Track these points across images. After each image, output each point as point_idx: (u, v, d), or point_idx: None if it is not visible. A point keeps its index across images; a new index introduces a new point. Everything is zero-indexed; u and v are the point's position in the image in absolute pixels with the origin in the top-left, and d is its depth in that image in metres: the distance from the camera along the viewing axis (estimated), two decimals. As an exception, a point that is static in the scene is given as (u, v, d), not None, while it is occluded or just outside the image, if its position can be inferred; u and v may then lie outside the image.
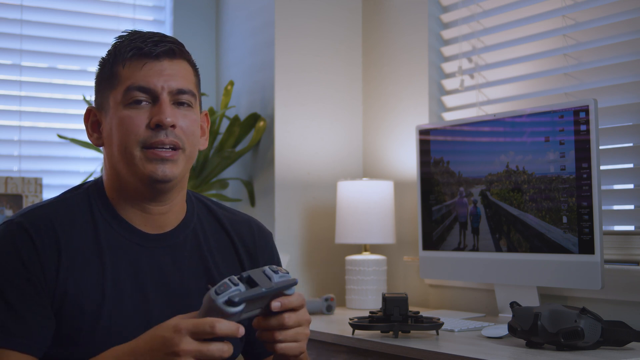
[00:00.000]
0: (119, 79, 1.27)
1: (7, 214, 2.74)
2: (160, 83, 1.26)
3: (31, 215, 1.24)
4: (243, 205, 2.98)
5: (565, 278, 1.96)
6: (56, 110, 3.04)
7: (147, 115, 1.25)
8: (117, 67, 1.28)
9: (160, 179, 1.26)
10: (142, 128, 1.25)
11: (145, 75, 1.26)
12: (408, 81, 2.78)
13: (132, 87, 1.25)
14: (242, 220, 1.45)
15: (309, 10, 2.94)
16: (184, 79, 1.29)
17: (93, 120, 1.33)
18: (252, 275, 1.11)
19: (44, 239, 1.21)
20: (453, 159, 2.30)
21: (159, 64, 1.27)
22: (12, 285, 1.18)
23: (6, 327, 1.17)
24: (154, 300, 1.27)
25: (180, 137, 1.27)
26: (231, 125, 2.91)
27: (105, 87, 1.30)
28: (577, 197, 1.93)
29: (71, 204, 1.29)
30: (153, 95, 1.26)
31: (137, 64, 1.26)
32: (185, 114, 1.29)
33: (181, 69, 1.30)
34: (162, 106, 1.25)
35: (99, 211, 1.29)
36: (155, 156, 1.25)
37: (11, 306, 1.17)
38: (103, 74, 1.31)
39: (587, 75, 2.22)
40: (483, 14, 2.57)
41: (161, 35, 1.31)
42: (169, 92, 1.27)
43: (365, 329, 1.95)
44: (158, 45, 1.27)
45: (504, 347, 1.76)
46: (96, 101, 1.34)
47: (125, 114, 1.25)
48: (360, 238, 2.60)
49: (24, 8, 2.98)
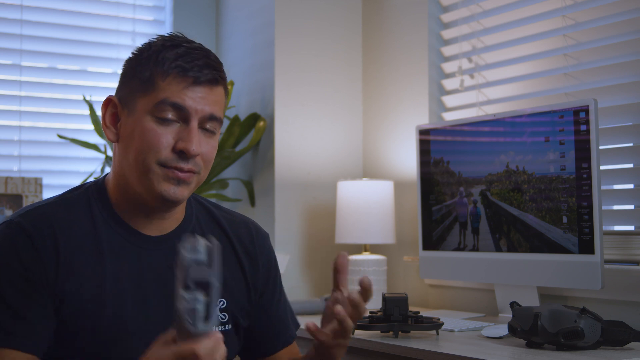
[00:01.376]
0: (155, 89, 1.23)
1: (7, 214, 2.74)
2: (194, 106, 1.24)
3: (30, 215, 1.24)
4: (243, 206, 2.98)
5: (565, 278, 1.96)
6: (56, 110, 3.04)
7: (173, 136, 1.23)
8: (156, 75, 1.24)
9: (171, 200, 1.25)
10: (166, 149, 1.23)
11: (183, 95, 1.23)
12: (408, 81, 2.78)
13: (166, 102, 1.22)
14: (240, 221, 1.46)
15: (309, 10, 2.94)
16: (217, 105, 1.28)
17: (112, 112, 1.30)
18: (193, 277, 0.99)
19: (43, 238, 1.21)
20: (453, 159, 2.30)
21: (199, 89, 1.24)
22: (11, 285, 1.18)
23: (6, 326, 1.16)
24: (153, 301, 1.27)
25: (198, 164, 1.26)
26: (231, 125, 2.91)
27: (136, 87, 1.26)
28: (577, 197, 1.93)
29: (71, 203, 1.28)
30: (185, 115, 1.24)
31: (178, 82, 1.23)
32: (209, 141, 1.28)
33: (217, 96, 1.28)
34: (191, 133, 1.23)
35: (99, 212, 1.29)
36: (174, 176, 1.24)
37: (11, 306, 1.17)
38: (138, 72, 1.26)
39: (587, 75, 2.22)
40: (483, 14, 2.57)
41: (205, 55, 1.27)
42: (202, 117, 1.25)
43: (365, 329, 1.95)
44: (203, 71, 1.24)
45: (504, 347, 1.76)
46: (120, 92, 1.29)
47: (152, 126, 1.23)
48: (360, 238, 2.60)
49: (24, 8, 2.98)
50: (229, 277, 1.37)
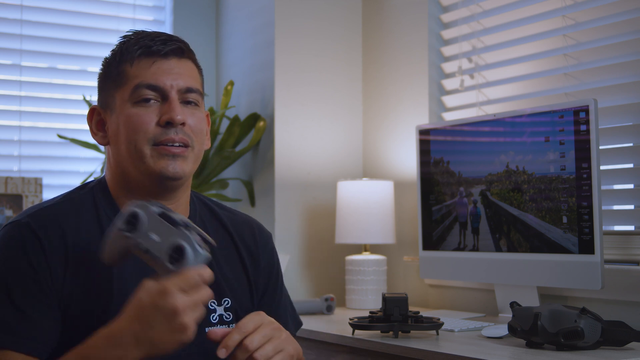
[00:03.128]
0: (127, 77, 1.27)
1: (7, 214, 2.74)
2: (169, 81, 1.27)
3: (38, 216, 1.23)
4: (243, 205, 2.98)
5: (565, 278, 1.96)
6: (56, 110, 3.04)
7: (156, 113, 1.26)
8: (124, 65, 1.28)
9: (172, 176, 1.26)
10: (152, 126, 1.25)
11: (154, 74, 1.26)
12: (408, 81, 2.78)
13: (141, 85, 1.25)
14: (243, 220, 1.46)
15: (309, 10, 2.94)
16: (192, 77, 1.30)
17: (97, 120, 1.33)
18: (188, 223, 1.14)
19: (52, 239, 1.21)
20: (453, 159, 2.30)
21: (167, 63, 1.28)
22: (19, 287, 1.17)
23: (13, 328, 1.16)
24: None
25: (189, 134, 1.28)
26: (231, 125, 2.90)
27: (110, 85, 1.29)
28: (577, 197, 1.93)
29: (77, 203, 1.28)
30: (162, 93, 1.26)
31: (145, 62, 1.27)
32: (193, 112, 1.30)
33: (188, 68, 1.31)
34: (172, 104, 1.26)
35: (105, 211, 1.29)
36: (166, 152, 1.25)
37: (18, 307, 1.16)
38: (108, 72, 1.31)
39: (587, 75, 2.22)
40: (483, 14, 2.57)
41: (167, 34, 1.31)
42: (178, 90, 1.27)
43: (365, 329, 1.95)
44: (166, 44, 1.28)
45: (504, 347, 1.76)
46: (100, 100, 1.33)
47: (133, 111, 1.25)
48: (360, 238, 2.60)
49: (24, 8, 2.98)
50: (231, 277, 1.37)
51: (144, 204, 1.13)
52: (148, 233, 1.11)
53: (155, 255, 1.10)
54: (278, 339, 1.18)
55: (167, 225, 1.11)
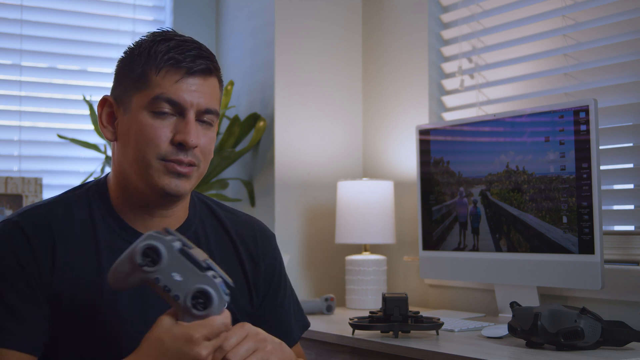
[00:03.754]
0: (149, 84, 1.24)
1: (7, 214, 2.74)
2: (190, 99, 1.24)
3: (28, 215, 1.24)
4: (243, 205, 2.98)
5: (565, 278, 1.96)
6: (56, 110, 3.04)
7: (170, 129, 1.24)
8: (149, 70, 1.24)
9: (173, 194, 1.26)
10: (165, 142, 1.23)
11: (178, 89, 1.24)
12: (408, 81, 2.78)
13: (161, 97, 1.23)
14: (244, 222, 1.45)
15: (309, 10, 2.94)
16: (213, 97, 1.28)
17: (109, 112, 1.30)
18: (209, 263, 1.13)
19: (40, 238, 1.21)
20: (453, 159, 2.30)
21: (193, 80, 1.25)
22: (8, 285, 1.18)
23: (4, 326, 1.17)
24: (152, 301, 1.26)
25: (197, 156, 1.26)
26: (231, 125, 2.91)
27: (130, 85, 1.26)
28: (577, 197, 1.93)
29: (70, 203, 1.28)
30: (180, 109, 1.24)
31: (172, 75, 1.24)
32: (206, 133, 1.28)
33: (212, 87, 1.28)
34: (188, 125, 1.24)
35: (99, 211, 1.29)
36: (173, 169, 1.24)
37: (8, 305, 1.17)
38: (131, 70, 1.27)
39: (587, 75, 2.22)
40: (483, 14, 2.57)
41: (198, 47, 1.28)
42: (198, 110, 1.25)
43: (365, 329, 1.95)
44: (196, 61, 1.25)
45: (504, 347, 1.76)
46: (115, 91, 1.30)
47: (148, 122, 1.23)
48: (360, 238, 2.60)
49: (24, 8, 2.98)
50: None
51: (163, 238, 1.11)
52: (170, 271, 1.10)
53: (176, 295, 1.09)
54: (262, 351, 1.17)
55: (189, 265, 1.10)
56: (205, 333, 1.08)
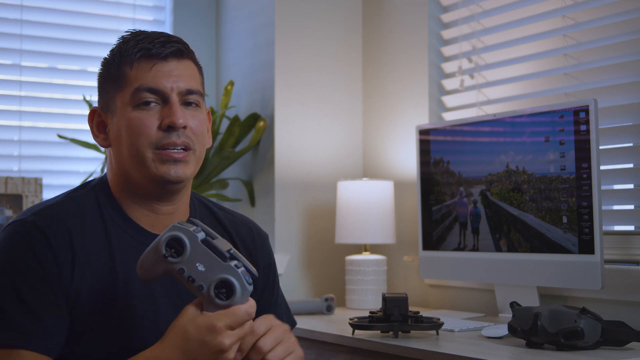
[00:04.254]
0: (127, 80, 1.26)
1: (7, 214, 2.74)
2: (169, 84, 1.26)
3: (44, 214, 1.24)
4: (243, 205, 2.98)
5: (565, 278, 1.96)
6: (56, 110, 3.04)
7: (157, 117, 1.26)
8: (124, 67, 1.27)
9: (174, 180, 1.26)
10: (154, 130, 1.25)
11: (154, 77, 1.26)
12: (408, 81, 2.78)
13: (141, 89, 1.25)
14: (241, 221, 1.47)
15: (309, 10, 2.94)
16: (192, 79, 1.30)
17: (98, 121, 1.33)
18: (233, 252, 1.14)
19: (58, 237, 1.21)
20: (453, 159, 2.30)
21: (167, 65, 1.27)
22: (28, 285, 1.18)
23: (23, 327, 1.16)
24: (162, 299, 1.28)
25: (190, 137, 1.27)
26: (231, 125, 2.91)
27: (111, 88, 1.29)
28: (577, 197, 1.93)
29: (80, 203, 1.29)
30: (162, 96, 1.26)
31: (145, 65, 1.26)
32: (194, 114, 1.29)
33: (188, 69, 1.30)
34: (173, 107, 1.25)
35: (108, 211, 1.29)
36: (168, 157, 1.25)
37: (28, 306, 1.17)
38: (108, 74, 1.30)
39: (587, 75, 2.22)
40: (483, 14, 2.57)
41: (166, 35, 1.31)
42: (179, 92, 1.27)
43: (365, 329, 1.95)
44: (165, 45, 1.27)
45: (504, 347, 1.76)
46: (100, 102, 1.33)
47: (134, 115, 1.25)
48: (360, 238, 2.60)
49: (24, 8, 2.98)
50: None
51: (186, 229, 1.12)
52: (194, 261, 1.11)
53: (200, 286, 1.10)
54: (288, 341, 1.21)
55: (212, 255, 1.11)
56: (228, 322, 1.09)
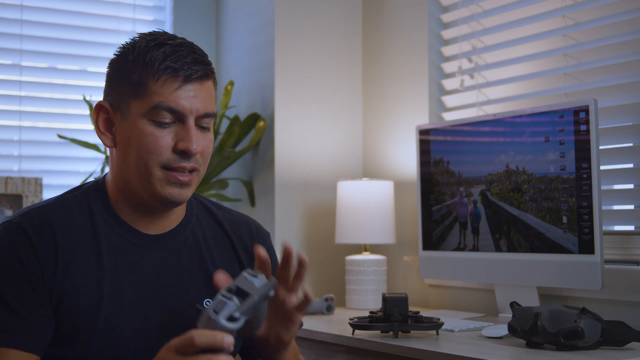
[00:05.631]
0: (147, 91, 1.23)
1: (7, 214, 2.74)
2: (189, 106, 1.24)
3: (29, 216, 1.24)
4: (243, 205, 2.98)
5: (565, 278, 1.96)
6: (56, 110, 3.04)
7: (171, 137, 1.24)
8: (146, 78, 1.24)
9: (177, 202, 1.27)
10: (167, 151, 1.24)
11: (177, 97, 1.23)
12: (408, 81, 2.78)
13: (161, 106, 1.23)
14: (240, 220, 1.46)
15: (309, 10, 2.94)
16: (210, 100, 1.28)
17: (105, 118, 1.30)
18: (239, 285, 1.10)
19: (42, 238, 1.22)
20: (453, 159, 2.30)
21: (191, 87, 1.25)
22: (10, 285, 1.19)
23: (6, 326, 1.17)
24: (152, 300, 1.27)
25: (199, 160, 1.27)
26: (231, 125, 2.90)
27: (127, 90, 1.26)
28: (577, 197, 1.93)
29: (70, 204, 1.29)
30: (180, 116, 1.24)
31: (170, 84, 1.23)
32: (205, 136, 1.28)
33: (209, 90, 1.28)
34: (189, 133, 1.24)
35: (99, 211, 1.29)
36: (175, 180, 1.25)
37: (10, 306, 1.18)
38: (126, 74, 1.26)
39: (587, 75, 2.22)
40: (483, 14, 2.57)
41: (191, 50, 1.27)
42: (197, 116, 1.25)
43: (365, 329, 1.95)
44: (193, 68, 1.24)
45: (504, 347, 1.76)
46: (110, 96, 1.29)
47: (149, 130, 1.23)
48: (360, 238, 2.60)
49: (24, 8, 2.98)
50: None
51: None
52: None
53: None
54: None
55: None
56: (176, 344, 1.06)
